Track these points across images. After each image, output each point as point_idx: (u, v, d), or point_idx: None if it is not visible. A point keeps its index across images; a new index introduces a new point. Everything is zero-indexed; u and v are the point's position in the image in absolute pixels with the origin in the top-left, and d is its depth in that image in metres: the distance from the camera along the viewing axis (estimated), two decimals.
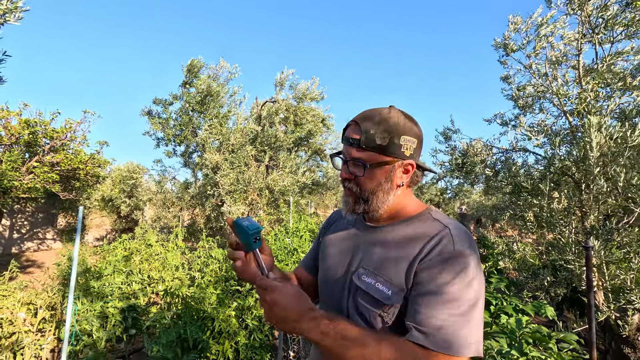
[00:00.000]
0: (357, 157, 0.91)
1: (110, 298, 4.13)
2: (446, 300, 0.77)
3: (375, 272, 0.89)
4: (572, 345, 2.31)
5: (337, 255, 1.04)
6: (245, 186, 7.33)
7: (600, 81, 3.00)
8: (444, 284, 0.78)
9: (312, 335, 0.79)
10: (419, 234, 0.88)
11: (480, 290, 0.80)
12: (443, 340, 0.75)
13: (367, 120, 0.90)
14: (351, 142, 0.92)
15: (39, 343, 3.60)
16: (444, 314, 0.76)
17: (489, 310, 3.46)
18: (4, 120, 6.91)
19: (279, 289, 0.82)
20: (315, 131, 9.29)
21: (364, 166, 0.90)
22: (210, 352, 2.96)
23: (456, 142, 3.89)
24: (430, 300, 0.79)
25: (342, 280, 0.97)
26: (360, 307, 0.90)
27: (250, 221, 0.93)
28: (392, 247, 0.90)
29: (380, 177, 0.91)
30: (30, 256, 10.74)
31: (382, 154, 0.89)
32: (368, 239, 0.98)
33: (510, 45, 3.43)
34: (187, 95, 7.95)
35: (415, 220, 0.92)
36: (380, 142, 0.88)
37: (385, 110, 0.92)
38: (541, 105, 3.59)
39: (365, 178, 0.92)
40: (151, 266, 5.72)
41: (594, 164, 2.63)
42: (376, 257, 0.92)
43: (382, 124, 0.89)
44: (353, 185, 0.94)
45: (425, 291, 0.80)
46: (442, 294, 0.78)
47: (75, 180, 8.46)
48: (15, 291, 4.00)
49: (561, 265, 3.26)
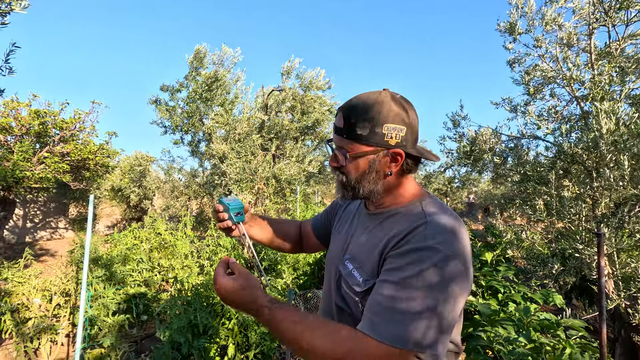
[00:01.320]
0: (340, 145, 0.91)
1: (122, 285, 4.22)
2: (393, 289, 0.75)
3: (355, 258, 0.91)
4: (581, 332, 2.30)
5: (338, 239, 1.07)
6: (252, 175, 7.35)
7: (615, 65, 2.92)
8: (396, 271, 0.77)
9: (260, 321, 0.84)
10: (399, 223, 0.86)
11: (442, 287, 0.73)
12: (376, 324, 0.74)
13: (350, 108, 0.89)
14: (336, 130, 0.92)
15: (54, 328, 3.70)
16: (387, 301, 0.75)
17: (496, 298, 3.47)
18: (14, 111, 6.99)
19: (224, 285, 0.86)
20: (322, 120, 9.23)
21: (344, 156, 0.90)
22: (220, 337, 3.01)
23: (464, 129, 3.83)
24: (379, 285, 0.79)
25: (335, 263, 1.00)
26: (342, 292, 0.93)
27: (234, 200, 1.05)
28: (373, 235, 0.91)
29: (363, 167, 0.90)
30: (44, 245, 10.98)
31: (363, 144, 0.87)
32: (361, 225, 0.99)
33: (517, 29, 3.33)
34: (194, 81, 7.93)
35: (403, 210, 0.91)
36: (360, 132, 0.86)
37: (373, 95, 0.89)
38: (552, 91, 3.50)
39: (349, 167, 0.91)
40: (161, 254, 5.81)
41: (605, 151, 2.58)
42: (359, 244, 0.94)
43: (364, 112, 0.86)
44: (339, 174, 0.94)
45: (381, 278, 0.80)
46: (392, 283, 0.76)
47: (85, 170, 8.57)
48: (31, 278, 4.11)
49: (570, 253, 3.23)
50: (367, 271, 0.86)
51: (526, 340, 2.07)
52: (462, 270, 0.76)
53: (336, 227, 1.14)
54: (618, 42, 3.04)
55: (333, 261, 1.02)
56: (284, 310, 0.82)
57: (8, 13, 2.30)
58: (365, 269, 0.87)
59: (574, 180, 3.12)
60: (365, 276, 0.86)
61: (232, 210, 1.00)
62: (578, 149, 2.88)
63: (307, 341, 0.76)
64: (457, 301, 0.75)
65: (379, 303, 0.76)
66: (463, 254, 0.78)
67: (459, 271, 0.76)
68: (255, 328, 3.17)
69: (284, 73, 8.73)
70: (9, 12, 2.30)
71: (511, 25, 3.40)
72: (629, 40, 3.05)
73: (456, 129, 3.86)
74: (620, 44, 3.03)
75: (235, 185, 7.38)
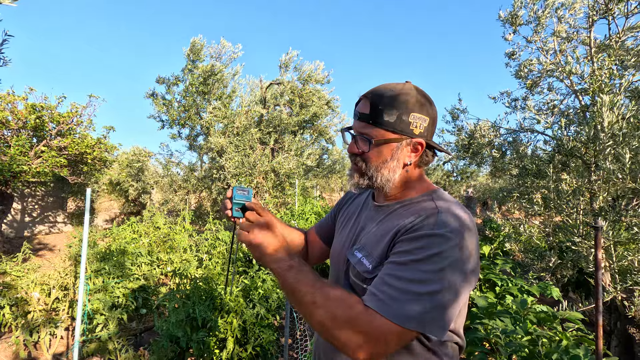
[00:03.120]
0: (363, 132, 0.90)
1: (121, 278, 4.22)
2: (401, 269, 0.76)
3: (364, 247, 0.92)
4: (577, 324, 2.32)
5: (343, 231, 1.07)
6: (251, 169, 7.34)
7: (615, 58, 2.91)
8: (404, 254, 0.78)
9: (274, 265, 0.84)
10: (410, 214, 0.87)
11: (449, 274, 0.74)
12: (381, 300, 0.74)
13: (377, 95, 0.89)
14: (360, 116, 0.91)
15: (53, 321, 3.71)
16: (393, 280, 0.75)
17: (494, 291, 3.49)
18: (10, 104, 6.94)
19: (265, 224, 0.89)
20: (320, 113, 9.21)
21: (369, 142, 0.89)
22: (219, 330, 3.03)
23: (463, 123, 3.82)
24: (387, 266, 0.80)
25: (343, 255, 1.00)
26: (351, 281, 0.93)
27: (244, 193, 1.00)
28: (383, 225, 0.91)
29: (386, 154, 0.90)
30: (42, 239, 10.98)
31: (389, 131, 0.88)
32: (370, 217, 0.99)
33: (518, 20, 3.31)
34: (190, 75, 7.89)
35: (414, 202, 0.91)
36: (387, 118, 0.87)
37: (399, 85, 0.90)
38: (550, 85, 3.49)
39: (370, 154, 0.91)
40: (159, 248, 5.82)
41: (605, 144, 2.58)
42: (369, 234, 0.94)
43: (392, 100, 0.87)
44: (359, 160, 0.93)
45: (389, 260, 0.81)
46: (399, 264, 0.77)
47: (83, 165, 8.55)
48: (29, 272, 4.11)
49: (568, 247, 3.25)
50: (376, 258, 0.86)
51: (523, 333, 2.08)
52: (469, 261, 0.77)
53: (341, 221, 1.13)
54: (618, 35, 3.02)
55: (340, 253, 1.02)
56: (304, 271, 0.83)
57: None
58: (374, 256, 0.87)
59: (572, 173, 3.12)
60: (374, 263, 0.86)
61: (235, 205, 0.97)
62: (577, 143, 2.88)
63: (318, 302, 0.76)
64: (462, 290, 0.76)
65: (385, 282, 0.77)
66: (472, 246, 0.78)
67: (467, 261, 0.77)
68: (253, 321, 3.18)
69: (282, 66, 8.68)
70: None
71: (512, 16, 3.37)
72: (629, 32, 3.04)
73: (455, 122, 3.86)
74: (620, 36, 3.01)
75: (234, 179, 7.38)
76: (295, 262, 0.84)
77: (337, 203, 1.25)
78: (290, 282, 0.80)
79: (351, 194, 1.21)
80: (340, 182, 20.84)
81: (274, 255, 0.85)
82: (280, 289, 0.87)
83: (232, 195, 0.98)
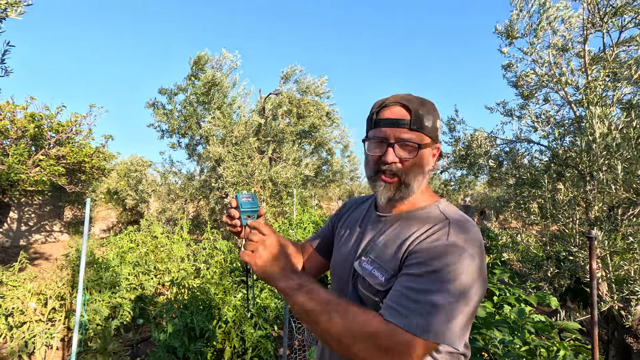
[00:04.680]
0: (407, 138, 0.87)
1: (118, 288, 4.20)
2: (418, 281, 0.76)
3: (374, 259, 0.90)
4: (574, 334, 2.32)
5: (346, 242, 1.05)
6: (249, 178, 7.36)
7: (608, 70, 2.97)
8: (420, 265, 0.78)
9: (282, 285, 0.82)
10: (420, 223, 0.87)
11: (466, 284, 0.74)
12: (400, 313, 0.74)
13: (411, 101, 0.89)
14: (399, 123, 0.88)
15: (49, 332, 3.67)
16: (411, 292, 0.75)
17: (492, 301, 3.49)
18: (10, 113, 6.96)
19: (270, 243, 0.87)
20: (319, 125, 9.27)
21: (417, 147, 0.87)
22: (217, 340, 3.01)
23: (460, 133, 3.87)
24: (403, 278, 0.79)
25: (348, 266, 0.99)
26: (360, 292, 0.92)
27: (249, 199, 0.96)
28: (393, 236, 0.91)
29: (426, 158, 0.91)
30: (38, 248, 10.89)
31: (428, 135, 0.89)
32: (375, 228, 0.99)
33: (514, 33, 3.38)
34: (193, 86, 7.97)
35: (421, 211, 0.91)
36: (427, 124, 0.88)
37: (413, 95, 0.93)
38: (546, 95, 3.55)
39: (415, 160, 0.88)
40: (157, 257, 5.79)
41: (598, 155, 2.62)
42: (378, 245, 0.93)
43: (426, 105, 0.89)
44: (399, 169, 0.89)
45: (404, 272, 0.80)
46: (415, 275, 0.77)
47: (81, 173, 8.53)
48: (26, 282, 4.08)
49: (565, 256, 3.27)
50: (389, 270, 0.85)
51: (521, 342, 2.08)
52: (481, 271, 0.78)
53: (342, 233, 1.11)
54: (612, 48, 3.09)
55: (344, 264, 1.01)
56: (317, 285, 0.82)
57: (4, 19, 2.31)
58: (386, 268, 0.86)
59: (567, 183, 3.16)
60: (387, 275, 0.85)
61: (243, 213, 0.93)
62: (572, 153, 2.92)
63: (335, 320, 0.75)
64: (476, 299, 0.76)
65: (403, 294, 0.76)
66: (482, 256, 0.80)
67: (479, 271, 0.77)
68: (251, 331, 3.17)
69: (282, 77, 8.78)
70: (4, 17, 2.31)
71: (508, 29, 3.43)
72: (622, 46, 3.10)
73: (452, 133, 3.90)
74: (614, 49, 3.08)
75: (232, 188, 7.38)
76: (304, 280, 0.82)
77: (335, 214, 1.23)
78: (302, 301, 0.79)
79: (350, 205, 1.19)
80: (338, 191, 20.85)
81: (281, 274, 0.84)
82: (291, 308, 0.86)
83: (238, 203, 0.94)
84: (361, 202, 1.15)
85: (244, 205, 0.94)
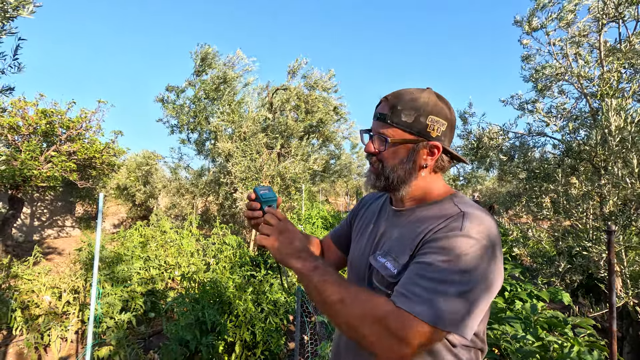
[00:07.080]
0: (381, 131, 0.91)
1: (130, 282, 4.26)
2: (429, 270, 0.76)
3: (388, 251, 0.91)
4: (589, 330, 2.30)
5: (363, 237, 1.06)
6: (257, 173, 7.38)
7: (624, 62, 2.90)
8: (433, 254, 0.78)
9: (299, 265, 0.85)
10: (435, 216, 0.87)
11: (478, 275, 0.74)
12: (410, 300, 0.74)
13: (397, 96, 0.91)
14: (378, 116, 0.93)
15: (64, 325, 3.75)
16: (422, 280, 0.75)
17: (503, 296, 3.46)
18: (21, 110, 7.06)
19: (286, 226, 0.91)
20: (326, 120, 9.24)
21: (386, 141, 0.90)
22: (228, 334, 3.04)
23: (472, 126, 3.83)
24: (415, 266, 0.80)
25: (364, 261, 1.00)
26: (374, 285, 0.93)
27: (266, 191, 1.00)
28: (407, 229, 0.91)
29: (402, 155, 0.91)
30: (51, 243, 11.09)
31: (407, 131, 0.89)
32: (390, 222, 0.99)
33: (533, 24, 3.30)
34: (202, 82, 7.98)
35: (436, 205, 0.91)
36: (405, 119, 0.88)
37: (418, 90, 0.92)
38: (560, 88, 3.48)
39: (387, 154, 0.92)
40: (167, 252, 5.85)
41: (613, 148, 2.57)
42: (392, 239, 0.93)
43: (412, 101, 0.89)
44: (376, 161, 0.94)
45: (417, 260, 0.81)
46: (429, 264, 0.77)
47: (92, 169, 8.64)
48: (40, 275, 4.16)
49: (578, 252, 3.22)
50: (402, 263, 0.86)
51: (533, 338, 2.06)
52: (495, 263, 0.78)
53: (358, 228, 1.12)
54: (628, 39, 3.01)
55: (361, 259, 1.02)
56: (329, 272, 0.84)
57: (15, 17, 2.33)
58: (399, 261, 0.87)
59: (581, 177, 3.10)
60: (399, 268, 0.86)
61: (265, 204, 0.97)
62: (586, 146, 2.87)
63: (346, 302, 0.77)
64: (488, 291, 0.76)
65: (414, 282, 0.77)
66: (498, 249, 0.79)
67: (493, 263, 0.77)
68: (262, 325, 3.19)
69: (289, 72, 8.75)
70: (16, 16, 2.33)
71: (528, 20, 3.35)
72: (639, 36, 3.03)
73: (464, 126, 3.86)
74: (631, 40, 3.00)
75: (241, 183, 7.42)
76: (319, 263, 0.85)
77: (352, 210, 1.24)
78: (316, 281, 0.81)
79: (367, 200, 1.20)
80: (346, 186, 20.82)
81: (297, 255, 0.86)
82: (304, 288, 0.87)
83: (257, 195, 0.98)
84: (377, 198, 1.15)
85: (264, 196, 0.97)
